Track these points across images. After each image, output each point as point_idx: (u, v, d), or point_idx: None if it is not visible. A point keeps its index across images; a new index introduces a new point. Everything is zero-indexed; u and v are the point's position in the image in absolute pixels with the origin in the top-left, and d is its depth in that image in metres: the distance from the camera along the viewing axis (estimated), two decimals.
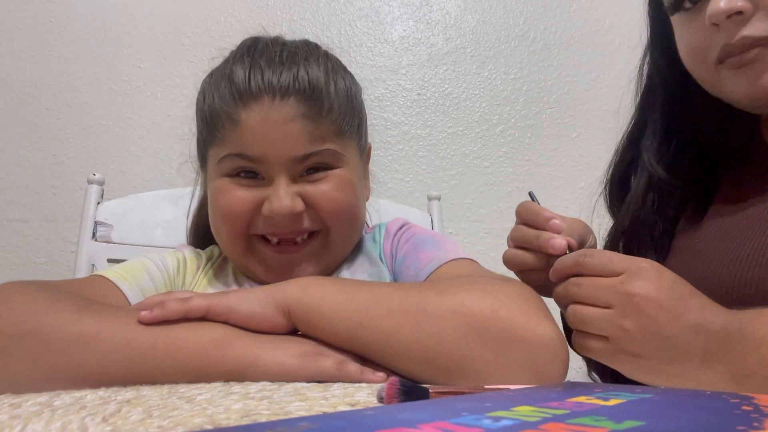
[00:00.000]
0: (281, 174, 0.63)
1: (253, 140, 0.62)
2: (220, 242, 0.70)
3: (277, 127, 0.62)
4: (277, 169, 0.63)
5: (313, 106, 0.63)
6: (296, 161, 0.63)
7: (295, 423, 0.20)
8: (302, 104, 0.63)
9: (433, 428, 0.20)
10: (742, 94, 0.56)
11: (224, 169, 0.65)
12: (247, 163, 0.63)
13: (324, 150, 0.64)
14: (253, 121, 0.62)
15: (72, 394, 0.39)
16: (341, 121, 0.66)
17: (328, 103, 0.64)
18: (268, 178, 0.64)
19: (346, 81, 0.69)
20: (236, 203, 0.64)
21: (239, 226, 0.64)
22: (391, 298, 0.48)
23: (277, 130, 0.62)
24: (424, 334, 0.45)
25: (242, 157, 0.63)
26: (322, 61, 0.67)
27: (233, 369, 0.44)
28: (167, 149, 1.40)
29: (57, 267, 1.36)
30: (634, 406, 0.26)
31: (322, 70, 0.65)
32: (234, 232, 0.65)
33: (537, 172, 1.39)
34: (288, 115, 0.62)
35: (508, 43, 1.43)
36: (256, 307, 0.48)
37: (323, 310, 0.48)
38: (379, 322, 0.47)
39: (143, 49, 1.43)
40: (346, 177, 0.66)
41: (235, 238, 0.66)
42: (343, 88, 0.67)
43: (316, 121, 0.63)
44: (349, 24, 1.43)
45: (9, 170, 1.40)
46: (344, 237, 0.68)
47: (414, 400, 0.34)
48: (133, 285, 0.61)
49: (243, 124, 0.62)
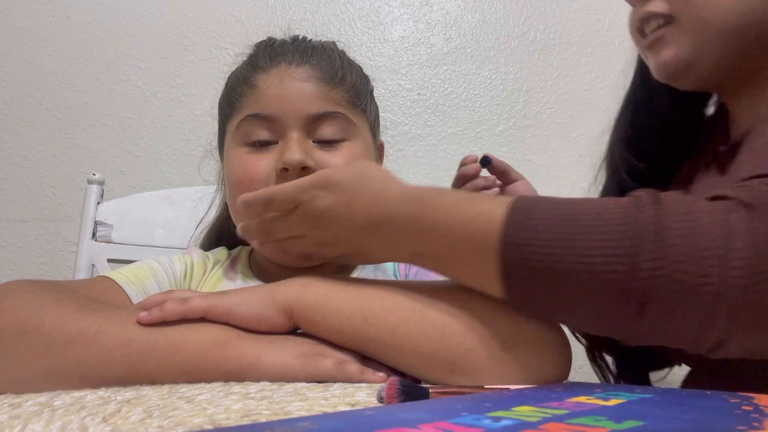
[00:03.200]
0: (295, 132, 0.65)
1: (269, 100, 0.65)
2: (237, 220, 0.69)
3: (293, 85, 0.66)
4: (291, 128, 0.65)
5: (327, 72, 0.68)
6: (310, 120, 0.65)
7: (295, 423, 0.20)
8: (317, 69, 0.67)
9: (433, 428, 0.20)
10: (655, 71, 0.59)
11: (240, 135, 0.66)
12: (262, 124, 0.65)
13: (336, 112, 0.66)
14: (269, 83, 0.66)
15: (72, 394, 0.39)
16: (353, 93, 0.69)
17: (341, 73, 0.69)
18: (283, 138, 0.65)
19: (358, 66, 0.74)
20: (253, 167, 0.64)
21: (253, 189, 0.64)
22: (396, 292, 0.48)
23: (293, 88, 0.66)
24: (430, 326, 0.45)
25: (258, 117, 0.65)
26: (335, 48, 0.73)
27: (233, 369, 0.44)
28: (167, 149, 1.40)
29: (57, 267, 1.36)
30: (634, 406, 0.26)
31: (335, 53, 0.72)
32: None
33: (537, 172, 1.39)
34: (303, 76, 0.66)
35: (508, 43, 1.43)
36: (255, 308, 0.48)
37: (326, 307, 0.48)
38: (384, 316, 0.46)
39: (143, 49, 1.43)
40: (357, 151, 0.67)
41: None
42: (356, 67, 0.73)
43: (329, 85, 0.67)
44: (349, 24, 1.43)
45: (9, 170, 1.40)
46: None
47: (414, 400, 0.34)
48: (139, 288, 0.61)
49: (260, 87, 0.67)
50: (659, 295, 0.36)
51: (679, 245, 0.36)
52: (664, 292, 0.36)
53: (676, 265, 0.36)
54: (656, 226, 0.37)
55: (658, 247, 0.36)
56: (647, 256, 0.36)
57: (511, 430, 0.20)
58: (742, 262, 0.35)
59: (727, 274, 0.35)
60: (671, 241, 0.36)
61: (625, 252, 0.37)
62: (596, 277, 0.37)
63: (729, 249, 0.35)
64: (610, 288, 0.37)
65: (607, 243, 0.37)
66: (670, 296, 0.36)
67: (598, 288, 0.38)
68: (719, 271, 0.35)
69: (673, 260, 0.36)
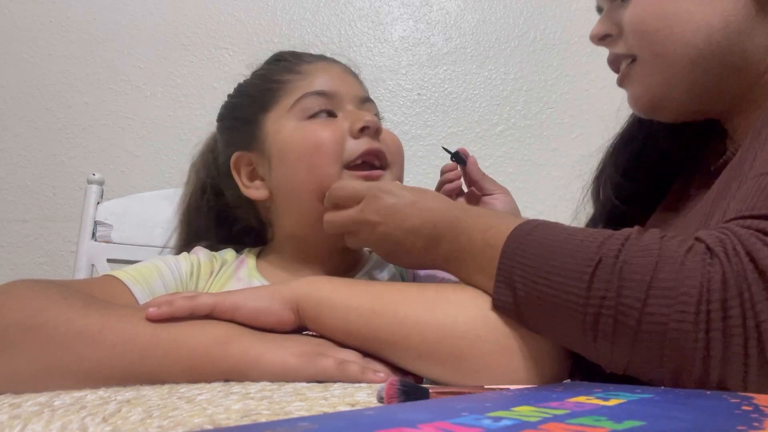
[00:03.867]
0: (352, 106, 0.69)
1: (326, 81, 0.69)
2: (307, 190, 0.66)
3: (339, 72, 0.72)
4: (349, 103, 0.69)
5: (355, 72, 0.75)
6: (360, 100, 0.70)
7: (295, 423, 0.20)
8: (348, 68, 0.74)
9: (433, 428, 0.20)
10: (630, 107, 0.62)
11: (299, 111, 0.67)
12: (322, 100, 0.67)
13: (372, 100, 0.72)
14: (320, 69, 0.71)
15: (72, 394, 0.39)
16: None
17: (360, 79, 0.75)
18: (342, 111, 0.68)
19: None
20: (326, 131, 0.65)
21: (335, 152, 0.64)
22: (405, 288, 0.50)
23: (340, 73, 0.72)
24: (441, 314, 0.46)
25: (319, 93, 0.68)
26: None
27: (234, 367, 0.44)
28: (167, 149, 1.40)
29: (57, 267, 1.36)
30: (634, 406, 0.26)
31: None
32: (330, 160, 0.64)
33: (537, 172, 1.39)
34: (344, 68, 0.74)
35: (508, 43, 1.43)
36: (262, 302, 0.48)
37: (334, 301, 0.49)
38: (393, 306, 0.47)
39: (143, 49, 1.43)
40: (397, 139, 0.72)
41: (330, 167, 0.64)
42: None
43: (359, 81, 0.74)
44: (349, 24, 1.43)
45: (9, 170, 1.40)
46: (401, 176, 0.71)
47: (414, 400, 0.34)
48: (145, 287, 0.61)
49: (311, 73, 0.70)
50: (607, 325, 0.38)
51: (632, 280, 0.37)
52: (612, 323, 0.38)
53: (624, 299, 0.37)
54: (617, 260, 0.38)
55: (612, 278, 0.38)
56: (600, 287, 0.38)
57: (511, 430, 0.20)
58: (686, 306, 0.35)
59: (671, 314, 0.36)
60: (624, 275, 0.38)
61: (584, 282, 0.39)
62: (559, 303, 0.40)
63: (679, 292, 0.36)
64: (571, 314, 0.40)
65: (572, 273, 0.40)
66: (615, 327, 0.38)
67: (562, 313, 0.40)
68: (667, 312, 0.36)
69: (624, 294, 0.37)
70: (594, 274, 0.39)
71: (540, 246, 0.43)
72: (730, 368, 0.35)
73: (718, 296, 0.35)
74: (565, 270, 0.40)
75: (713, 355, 0.35)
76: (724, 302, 0.35)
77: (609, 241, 0.40)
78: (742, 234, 0.37)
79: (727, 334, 0.35)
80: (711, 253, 0.37)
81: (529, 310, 0.43)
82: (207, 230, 0.77)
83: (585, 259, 0.39)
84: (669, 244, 0.38)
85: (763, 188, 0.39)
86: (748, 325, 0.34)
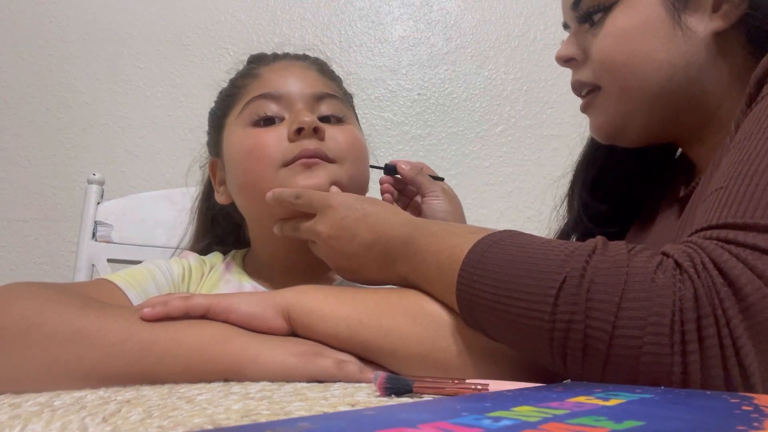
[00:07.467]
0: (301, 105, 0.68)
1: (275, 82, 0.69)
2: (247, 196, 0.68)
3: (296, 71, 0.71)
4: (297, 102, 0.68)
5: (322, 67, 0.75)
6: (314, 98, 0.69)
7: (295, 423, 0.20)
8: (314, 64, 0.74)
9: (433, 428, 0.20)
10: (591, 133, 0.64)
11: (246, 116, 0.68)
12: (269, 102, 0.67)
13: (335, 95, 0.71)
14: (274, 70, 0.71)
15: (72, 394, 0.39)
16: (343, 92, 0.76)
17: (330, 73, 0.75)
18: (290, 112, 0.67)
19: None
20: (263, 136, 0.66)
21: (270, 156, 0.64)
22: (389, 296, 0.50)
23: (296, 72, 0.71)
24: (422, 327, 0.47)
25: (265, 96, 0.68)
26: None
27: (233, 365, 0.45)
28: (167, 149, 1.40)
29: (57, 267, 1.36)
30: (634, 406, 0.26)
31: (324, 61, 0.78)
32: (264, 164, 0.64)
33: (537, 172, 1.39)
34: (303, 66, 0.73)
35: (508, 43, 1.43)
36: (256, 307, 0.49)
37: (324, 310, 0.49)
38: (378, 317, 0.48)
39: (143, 49, 1.43)
40: (357, 133, 0.71)
41: (265, 171, 0.64)
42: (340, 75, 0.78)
43: (325, 76, 0.73)
44: (349, 24, 1.43)
45: (9, 170, 1.40)
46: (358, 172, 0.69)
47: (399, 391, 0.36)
48: (139, 290, 0.62)
49: (264, 75, 0.71)
50: (576, 350, 0.37)
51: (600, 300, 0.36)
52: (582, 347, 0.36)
53: (593, 321, 0.36)
54: (582, 279, 0.37)
55: (579, 300, 0.36)
56: (566, 309, 0.37)
57: (511, 430, 0.20)
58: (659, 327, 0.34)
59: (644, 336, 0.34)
60: (592, 296, 0.36)
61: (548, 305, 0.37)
62: (524, 328, 0.39)
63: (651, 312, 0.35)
64: (537, 338, 0.38)
65: (535, 296, 0.38)
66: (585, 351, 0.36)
67: (528, 338, 0.39)
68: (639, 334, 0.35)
69: (592, 316, 0.36)
70: (558, 296, 0.37)
71: (498, 266, 0.41)
72: (711, 388, 0.34)
73: (692, 315, 0.34)
74: (527, 293, 0.39)
75: (692, 378, 0.34)
76: (698, 321, 0.34)
77: (573, 258, 0.38)
78: (706, 246, 0.36)
79: (705, 355, 0.34)
80: (680, 269, 0.36)
81: (495, 333, 0.43)
82: (212, 228, 0.81)
83: (548, 279, 0.38)
84: (637, 259, 0.37)
85: (721, 201, 0.38)
86: (725, 344, 0.33)
